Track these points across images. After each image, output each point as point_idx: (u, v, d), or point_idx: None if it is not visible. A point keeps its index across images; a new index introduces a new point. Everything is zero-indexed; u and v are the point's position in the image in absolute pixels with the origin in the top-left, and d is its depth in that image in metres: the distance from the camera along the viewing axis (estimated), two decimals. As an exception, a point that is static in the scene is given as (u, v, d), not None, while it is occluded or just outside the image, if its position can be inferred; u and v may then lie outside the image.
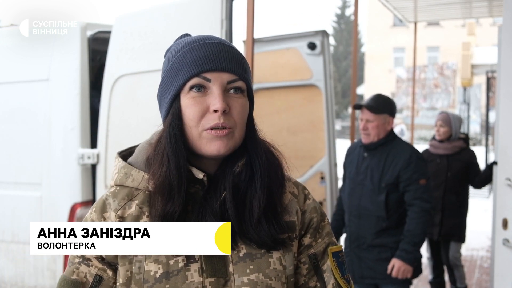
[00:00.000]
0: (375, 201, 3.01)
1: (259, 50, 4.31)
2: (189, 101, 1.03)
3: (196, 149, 1.04)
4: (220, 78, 1.03)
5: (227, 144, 1.03)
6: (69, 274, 1.06)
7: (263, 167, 1.07)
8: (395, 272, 2.91)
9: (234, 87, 1.04)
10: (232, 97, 1.04)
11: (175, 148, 1.03)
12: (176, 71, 1.05)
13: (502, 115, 2.62)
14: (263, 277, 1.04)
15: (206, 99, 1.03)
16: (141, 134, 1.13)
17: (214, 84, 1.02)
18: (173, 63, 1.06)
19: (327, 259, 1.13)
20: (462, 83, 12.11)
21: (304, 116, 4.39)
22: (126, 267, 1.03)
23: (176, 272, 1.01)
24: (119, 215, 1.05)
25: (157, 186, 1.03)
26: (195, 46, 1.05)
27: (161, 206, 1.02)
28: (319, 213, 1.17)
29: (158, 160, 1.04)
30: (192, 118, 1.02)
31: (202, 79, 1.02)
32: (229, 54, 1.05)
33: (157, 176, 1.03)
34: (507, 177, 2.57)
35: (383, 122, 3.07)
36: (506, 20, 2.62)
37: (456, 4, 5.71)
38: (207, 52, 1.03)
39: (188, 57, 1.04)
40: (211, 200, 1.05)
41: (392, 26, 29.77)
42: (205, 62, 1.02)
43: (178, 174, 1.02)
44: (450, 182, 4.35)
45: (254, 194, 1.05)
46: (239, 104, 1.05)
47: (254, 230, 1.04)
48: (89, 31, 3.33)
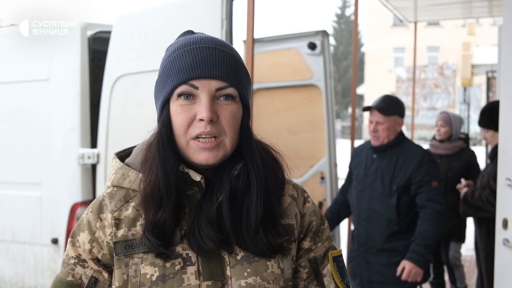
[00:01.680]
0: (386, 204, 2.95)
1: (259, 50, 4.31)
2: (177, 109, 1.02)
3: (185, 157, 1.04)
4: (208, 85, 1.00)
5: (217, 155, 1.01)
6: (64, 275, 1.05)
7: (259, 176, 1.05)
8: (406, 275, 2.80)
9: (223, 94, 1.01)
10: (221, 104, 1.01)
11: (163, 156, 1.02)
12: (166, 77, 1.03)
13: (502, 115, 2.62)
14: (260, 280, 1.03)
15: (193, 107, 1.01)
16: (141, 134, 1.13)
17: (202, 91, 1.00)
18: (164, 68, 1.05)
19: (327, 264, 1.12)
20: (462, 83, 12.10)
21: (304, 116, 4.39)
22: (122, 270, 1.02)
23: (173, 275, 1.00)
24: (115, 216, 1.04)
25: (147, 193, 1.02)
26: (185, 50, 1.02)
27: (152, 214, 1.01)
28: (319, 217, 1.16)
29: (147, 166, 1.04)
30: (179, 127, 1.01)
31: (190, 86, 1.00)
32: (221, 59, 1.01)
33: (147, 183, 1.03)
34: (507, 177, 2.57)
35: (393, 124, 3.01)
36: (506, 20, 2.62)
37: (456, 4, 5.70)
38: (196, 58, 1.01)
39: (177, 63, 1.02)
40: (207, 206, 1.03)
41: (392, 26, 29.77)
42: (193, 69, 1.00)
43: (166, 182, 1.01)
44: (450, 182, 4.34)
45: (251, 204, 1.04)
46: (228, 112, 1.02)
47: (252, 240, 1.03)
48: (89, 31, 3.33)
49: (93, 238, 1.04)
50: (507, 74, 2.59)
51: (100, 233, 1.04)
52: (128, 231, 1.03)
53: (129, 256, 1.02)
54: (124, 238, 1.03)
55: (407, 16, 6.29)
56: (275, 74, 4.45)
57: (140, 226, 1.04)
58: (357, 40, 5.50)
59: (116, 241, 1.03)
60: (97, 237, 1.04)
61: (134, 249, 1.02)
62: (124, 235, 1.03)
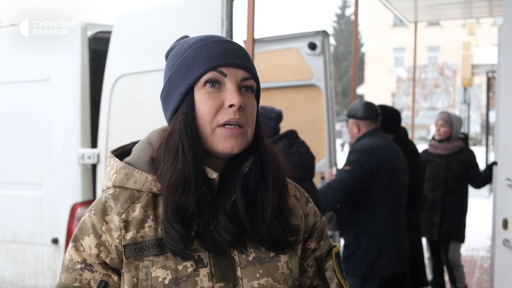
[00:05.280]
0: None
1: (260, 50, 4.31)
2: (204, 96, 1.00)
3: (208, 146, 1.01)
4: (235, 74, 1.01)
5: (241, 143, 1.01)
6: (70, 282, 1.00)
7: (273, 167, 1.06)
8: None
9: (246, 86, 1.03)
10: (244, 95, 1.03)
11: (192, 141, 0.99)
12: (190, 65, 1.02)
13: (502, 115, 2.62)
14: (272, 281, 1.03)
15: (221, 95, 1.00)
16: (141, 133, 1.12)
17: (230, 79, 1.01)
18: (185, 58, 1.03)
19: (329, 259, 1.16)
20: (463, 83, 12.11)
21: (304, 116, 4.39)
22: (132, 274, 0.99)
23: (186, 278, 0.98)
24: (124, 218, 1.00)
25: (170, 185, 0.99)
26: (209, 42, 1.03)
27: (176, 199, 0.98)
28: (319, 216, 1.18)
29: (171, 156, 1.00)
30: (207, 113, 1.00)
31: (219, 73, 1.00)
32: (242, 52, 1.04)
33: (170, 173, 0.99)
34: (507, 177, 2.57)
35: (350, 127, 3.24)
36: (506, 20, 2.62)
37: (457, 4, 5.71)
38: (222, 48, 1.02)
39: (203, 51, 1.02)
40: (223, 199, 1.03)
41: (392, 26, 29.76)
42: (222, 57, 1.01)
43: (196, 168, 0.99)
44: (450, 182, 4.35)
45: (266, 194, 1.04)
46: (250, 103, 1.03)
47: (266, 229, 1.03)
48: (90, 31, 3.33)
49: (100, 242, 1.00)
50: (507, 74, 2.60)
51: (107, 236, 1.00)
52: (137, 233, 1.00)
53: (139, 259, 0.99)
54: (133, 241, 0.99)
55: (407, 16, 6.30)
56: (275, 74, 4.45)
57: (148, 227, 1.01)
58: (357, 40, 5.50)
59: (126, 244, 0.99)
60: (104, 241, 1.00)
61: (144, 251, 0.99)
62: (133, 238, 1.00)
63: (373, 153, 3.04)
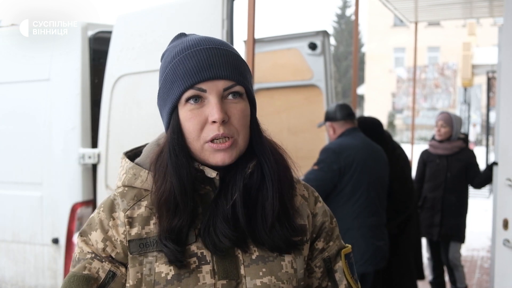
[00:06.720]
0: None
1: (260, 50, 4.31)
2: (187, 114, 1.01)
3: (201, 160, 1.03)
4: (215, 86, 1.00)
5: (231, 154, 1.01)
6: (79, 270, 1.02)
7: (273, 171, 1.05)
8: None
9: (231, 93, 1.01)
10: (230, 103, 1.01)
11: (176, 164, 1.01)
12: (171, 83, 1.02)
13: (502, 115, 2.62)
14: (275, 280, 1.03)
15: (203, 110, 1.00)
16: (142, 133, 1.13)
17: (210, 93, 0.99)
18: (167, 74, 1.03)
19: (339, 260, 1.15)
20: (463, 83, 12.11)
21: (304, 116, 4.39)
22: (136, 269, 1.01)
23: (188, 274, 1.00)
24: (128, 215, 1.03)
25: (161, 204, 1.01)
26: (187, 54, 1.01)
27: (168, 221, 1.01)
28: (329, 216, 1.17)
29: (160, 175, 1.03)
30: (192, 131, 1.00)
31: (197, 90, 0.99)
32: (224, 59, 1.01)
33: (161, 191, 1.02)
34: (507, 177, 2.57)
35: (327, 129, 3.27)
36: (506, 20, 2.62)
37: (457, 4, 5.71)
38: (199, 60, 1.00)
39: (180, 67, 1.01)
40: (222, 204, 1.03)
41: (393, 26, 29.77)
42: (198, 72, 0.99)
43: (182, 189, 1.01)
44: (450, 182, 4.35)
45: (267, 199, 1.04)
46: (238, 110, 1.02)
47: (268, 234, 1.03)
48: (90, 31, 3.34)
49: (106, 237, 1.03)
50: (508, 74, 2.60)
51: (113, 231, 1.03)
52: (142, 230, 1.03)
53: (143, 255, 1.02)
54: (138, 237, 1.02)
55: (408, 16, 6.30)
56: (276, 74, 4.45)
57: (153, 224, 1.03)
58: (358, 40, 5.50)
59: (130, 239, 1.02)
60: (110, 236, 1.03)
61: (148, 247, 1.02)
62: (138, 233, 1.02)
63: (341, 152, 3.04)
